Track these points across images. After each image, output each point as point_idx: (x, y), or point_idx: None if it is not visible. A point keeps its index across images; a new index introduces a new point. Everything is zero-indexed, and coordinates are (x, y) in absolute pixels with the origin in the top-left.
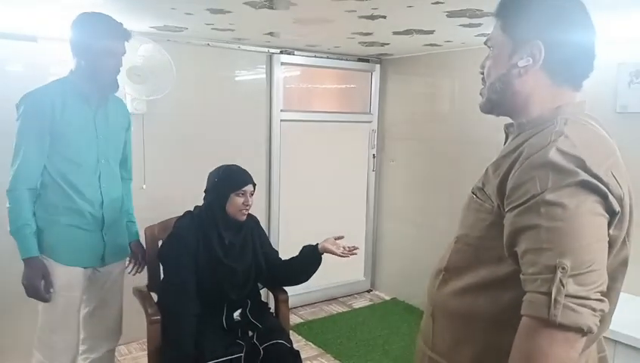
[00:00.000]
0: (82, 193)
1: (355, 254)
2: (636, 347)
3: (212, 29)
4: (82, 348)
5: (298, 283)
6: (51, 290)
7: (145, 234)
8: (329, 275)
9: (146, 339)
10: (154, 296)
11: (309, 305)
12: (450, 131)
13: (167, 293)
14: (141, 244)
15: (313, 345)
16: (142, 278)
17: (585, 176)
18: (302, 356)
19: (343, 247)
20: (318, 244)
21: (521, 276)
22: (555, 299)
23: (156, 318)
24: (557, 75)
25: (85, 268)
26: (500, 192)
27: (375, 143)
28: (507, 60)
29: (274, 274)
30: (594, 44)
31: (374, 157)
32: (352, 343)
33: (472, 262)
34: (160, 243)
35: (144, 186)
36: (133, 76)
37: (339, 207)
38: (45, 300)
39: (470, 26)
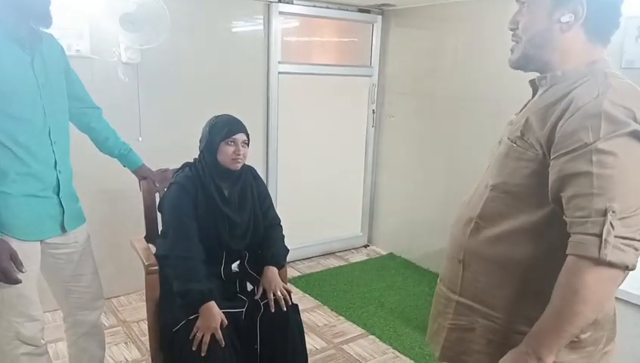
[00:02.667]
0: (34, 154)
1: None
2: (634, 303)
3: None
4: (65, 325)
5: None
6: (23, 270)
7: (142, 186)
8: (326, 230)
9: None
10: (152, 248)
11: (306, 259)
12: (452, 87)
13: (171, 240)
14: (148, 168)
15: (310, 297)
16: (139, 231)
17: (636, 126)
18: (300, 308)
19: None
20: (270, 265)
21: (567, 219)
22: (605, 240)
23: (153, 268)
24: (594, 31)
25: (42, 241)
26: (549, 140)
27: (375, 98)
28: (548, 16)
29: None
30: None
31: (373, 113)
32: (349, 296)
33: (510, 210)
34: (158, 195)
35: (140, 138)
36: (126, 24)
37: (337, 162)
38: (17, 282)
39: None
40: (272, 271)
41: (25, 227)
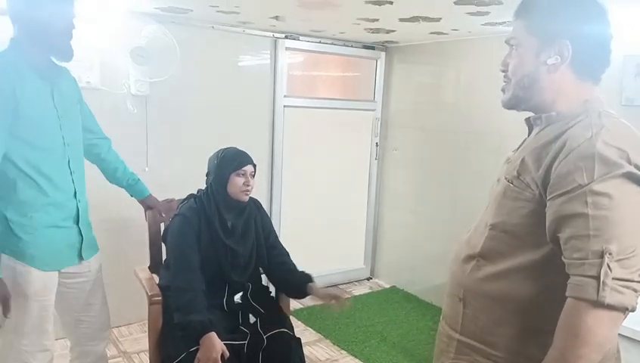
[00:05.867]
0: (56, 184)
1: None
2: (633, 338)
3: (217, 11)
4: (71, 355)
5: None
6: (8, 316)
7: (147, 216)
8: (329, 262)
9: (147, 321)
10: (156, 278)
11: None
12: (454, 121)
13: (173, 271)
14: (155, 198)
15: (312, 331)
16: (142, 261)
17: (629, 168)
18: (302, 341)
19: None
20: (309, 283)
21: (565, 260)
22: (603, 282)
23: (157, 298)
24: (582, 70)
25: (60, 270)
26: (544, 181)
27: (378, 131)
28: (535, 59)
29: (268, 270)
30: (611, 38)
31: (376, 146)
32: (351, 329)
33: (509, 249)
34: (162, 225)
35: (147, 169)
36: (136, 57)
37: (340, 194)
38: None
39: (477, 14)
40: (315, 285)
41: (46, 257)
